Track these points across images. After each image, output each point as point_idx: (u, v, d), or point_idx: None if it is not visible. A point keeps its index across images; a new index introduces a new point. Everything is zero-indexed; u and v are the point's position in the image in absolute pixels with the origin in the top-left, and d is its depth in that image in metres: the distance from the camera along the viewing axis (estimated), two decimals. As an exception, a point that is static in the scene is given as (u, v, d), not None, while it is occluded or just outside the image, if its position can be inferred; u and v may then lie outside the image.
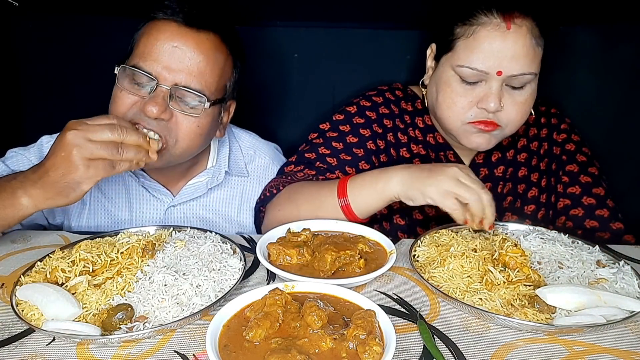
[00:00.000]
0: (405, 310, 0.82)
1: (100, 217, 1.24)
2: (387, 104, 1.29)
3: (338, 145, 1.25)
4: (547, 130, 1.30)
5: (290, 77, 1.61)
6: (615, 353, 0.72)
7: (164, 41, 1.04)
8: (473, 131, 1.12)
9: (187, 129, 1.08)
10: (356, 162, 1.23)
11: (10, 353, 0.70)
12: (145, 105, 1.02)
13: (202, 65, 1.06)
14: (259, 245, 0.93)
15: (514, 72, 1.05)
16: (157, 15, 1.07)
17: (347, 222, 1.05)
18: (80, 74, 1.59)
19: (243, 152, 1.35)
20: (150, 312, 0.77)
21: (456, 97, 1.11)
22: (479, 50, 1.06)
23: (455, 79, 1.11)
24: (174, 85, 1.04)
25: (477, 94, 1.09)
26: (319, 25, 1.57)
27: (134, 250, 0.89)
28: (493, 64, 1.05)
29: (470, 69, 1.07)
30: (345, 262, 0.89)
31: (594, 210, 1.22)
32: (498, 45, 1.04)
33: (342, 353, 0.66)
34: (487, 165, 1.27)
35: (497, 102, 1.06)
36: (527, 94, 1.10)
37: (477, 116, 1.10)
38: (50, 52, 1.58)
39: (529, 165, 1.28)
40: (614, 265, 0.91)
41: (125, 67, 1.06)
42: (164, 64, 1.04)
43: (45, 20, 1.57)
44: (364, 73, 1.56)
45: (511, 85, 1.08)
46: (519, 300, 0.81)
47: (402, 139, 1.27)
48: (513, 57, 1.04)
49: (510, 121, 1.11)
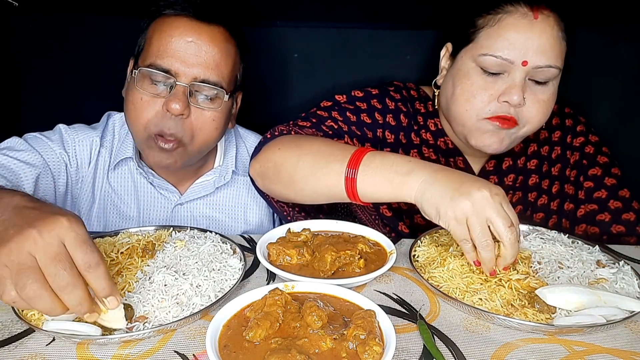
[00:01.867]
0: (405, 310, 0.82)
1: (109, 212, 1.25)
2: (404, 101, 1.22)
3: (352, 117, 1.16)
4: (561, 132, 1.24)
5: (290, 77, 1.61)
6: (615, 353, 0.72)
7: (178, 37, 1.05)
8: (487, 129, 1.05)
9: (203, 124, 1.10)
10: (363, 142, 1.16)
11: (10, 353, 0.70)
12: (168, 104, 1.04)
13: (218, 57, 1.08)
14: (258, 245, 0.93)
15: (540, 64, 0.99)
16: (167, 11, 1.07)
17: (347, 222, 1.05)
18: (80, 73, 1.59)
19: (249, 152, 1.36)
20: (150, 312, 0.77)
21: (476, 89, 1.04)
22: (504, 38, 1.00)
23: (476, 71, 1.04)
24: (193, 80, 1.06)
25: (499, 87, 1.02)
26: (319, 25, 1.57)
27: (134, 250, 0.89)
28: (519, 53, 0.99)
29: (494, 57, 1.01)
30: (345, 262, 0.89)
31: (621, 215, 1.17)
32: (524, 33, 0.99)
33: (342, 353, 0.66)
34: (498, 173, 1.22)
35: (520, 95, 1.00)
36: (550, 92, 1.04)
37: (496, 111, 1.03)
38: (50, 52, 1.58)
39: (540, 171, 1.23)
40: (614, 265, 0.91)
41: (141, 69, 1.06)
42: (181, 60, 1.05)
43: (45, 20, 1.57)
44: (364, 73, 1.56)
45: (535, 80, 1.02)
46: (519, 300, 0.81)
47: (414, 140, 1.21)
48: (539, 48, 0.98)
49: (529, 120, 1.04)
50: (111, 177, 1.24)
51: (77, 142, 1.21)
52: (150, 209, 1.26)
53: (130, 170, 1.24)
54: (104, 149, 1.24)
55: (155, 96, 1.07)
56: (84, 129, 1.24)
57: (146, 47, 1.09)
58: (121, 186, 1.25)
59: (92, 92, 1.59)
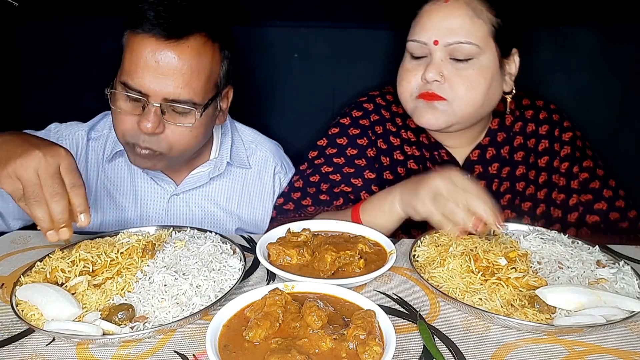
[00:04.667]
0: (405, 310, 0.82)
1: (105, 203, 1.28)
2: (377, 110, 1.31)
3: (339, 160, 1.27)
4: (549, 127, 1.29)
5: (290, 77, 1.61)
6: (615, 353, 0.72)
7: (146, 57, 1.05)
8: (421, 106, 1.14)
9: (180, 137, 1.12)
10: (361, 173, 1.25)
11: (10, 353, 0.70)
12: (140, 123, 1.07)
13: (187, 74, 1.06)
14: (258, 245, 0.93)
15: (450, 41, 1.09)
16: (136, 30, 1.06)
17: (347, 222, 1.05)
18: (80, 73, 1.59)
19: (245, 146, 1.38)
20: (150, 312, 0.77)
21: (405, 72, 1.17)
22: (420, 23, 1.13)
23: (407, 57, 1.17)
24: (163, 100, 1.06)
25: (423, 68, 1.13)
26: (319, 25, 1.57)
27: (133, 251, 0.89)
28: (431, 34, 1.10)
29: (412, 42, 1.14)
30: (345, 262, 0.89)
31: (614, 202, 1.24)
32: (435, 16, 1.11)
33: (342, 353, 0.66)
34: (482, 163, 1.27)
35: (435, 71, 1.10)
36: (474, 69, 1.10)
37: (421, 88, 1.14)
38: (50, 52, 1.58)
39: (527, 162, 1.28)
40: (614, 265, 0.91)
41: (114, 90, 1.09)
42: (150, 80, 1.05)
43: (45, 20, 1.57)
44: (364, 73, 1.56)
45: (455, 58, 1.10)
46: (519, 300, 0.81)
47: (394, 142, 1.29)
48: (448, 27, 1.09)
49: (456, 96, 1.11)
50: (107, 169, 1.29)
51: (64, 137, 1.27)
52: (147, 199, 1.29)
53: (126, 161, 1.28)
54: (95, 142, 1.29)
55: (130, 112, 1.09)
56: (71, 125, 1.30)
57: (122, 61, 1.10)
58: (118, 177, 1.29)
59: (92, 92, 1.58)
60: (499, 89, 1.17)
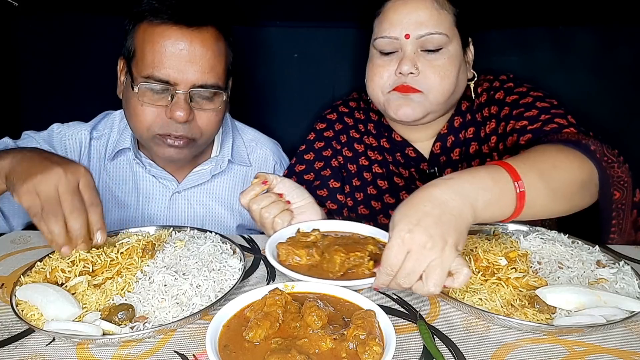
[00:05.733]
0: (405, 310, 0.82)
1: (108, 201, 1.29)
2: (340, 120, 1.35)
3: (309, 177, 1.30)
4: (487, 94, 1.25)
5: (290, 77, 1.61)
6: (615, 353, 0.72)
7: (171, 46, 1.07)
8: (395, 100, 1.16)
9: (208, 121, 1.16)
10: (326, 183, 1.28)
11: (10, 353, 0.70)
12: (172, 113, 1.09)
13: (212, 59, 1.11)
14: (268, 244, 0.93)
15: (421, 33, 1.11)
16: (154, 20, 1.08)
17: (357, 223, 1.03)
18: (80, 73, 1.59)
19: (245, 144, 1.40)
20: (150, 312, 0.77)
21: (376, 69, 1.18)
22: (387, 20, 1.15)
23: (375, 54, 1.19)
24: (191, 87, 1.09)
25: (395, 63, 1.15)
26: (319, 25, 1.57)
27: (133, 251, 0.89)
28: (401, 29, 1.12)
29: (382, 38, 1.15)
30: (354, 263, 0.88)
31: (554, 118, 1.11)
32: (402, 12, 1.13)
33: (342, 353, 0.66)
34: (445, 153, 1.26)
35: (409, 64, 1.11)
36: (445, 58, 1.13)
37: (394, 83, 1.15)
38: (50, 51, 1.58)
39: (478, 138, 1.24)
40: (614, 265, 0.91)
41: (141, 84, 1.09)
42: (177, 69, 1.08)
43: (45, 20, 1.57)
44: (363, 73, 1.55)
45: (427, 50, 1.13)
46: (519, 301, 0.81)
47: (358, 149, 1.31)
48: (417, 20, 1.12)
49: (431, 86, 1.13)
50: (109, 167, 1.30)
51: (68, 137, 1.28)
52: (149, 197, 1.30)
53: (128, 160, 1.29)
54: (97, 141, 1.30)
55: (156, 104, 1.11)
56: (74, 125, 1.30)
57: (139, 55, 1.10)
58: (120, 175, 1.30)
59: (92, 92, 1.59)
60: (465, 75, 1.20)
